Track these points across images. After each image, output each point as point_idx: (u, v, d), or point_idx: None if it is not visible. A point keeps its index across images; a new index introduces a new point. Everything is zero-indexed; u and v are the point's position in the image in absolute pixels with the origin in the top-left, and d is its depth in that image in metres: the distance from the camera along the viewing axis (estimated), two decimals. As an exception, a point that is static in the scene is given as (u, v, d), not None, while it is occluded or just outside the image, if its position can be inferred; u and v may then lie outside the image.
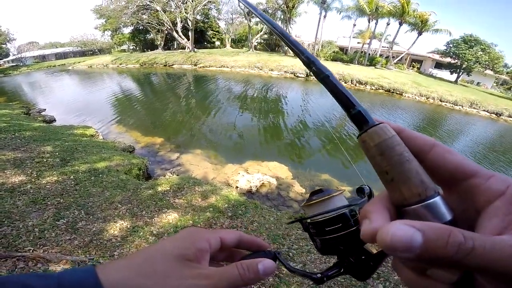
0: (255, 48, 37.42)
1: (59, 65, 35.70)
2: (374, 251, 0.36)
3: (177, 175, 5.51)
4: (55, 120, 10.02)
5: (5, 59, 42.36)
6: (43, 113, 11.06)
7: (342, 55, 32.92)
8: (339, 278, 2.79)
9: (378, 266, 0.36)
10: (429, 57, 36.46)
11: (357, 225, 0.36)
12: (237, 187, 5.42)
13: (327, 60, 31.01)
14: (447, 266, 0.21)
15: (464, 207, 0.26)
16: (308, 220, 0.39)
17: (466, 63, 27.32)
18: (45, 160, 4.63)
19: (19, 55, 40.13)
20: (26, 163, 4.40)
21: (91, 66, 31.25)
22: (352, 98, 0.30)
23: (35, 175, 4.00)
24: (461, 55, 27.17)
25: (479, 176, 0.26)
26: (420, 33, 28.37)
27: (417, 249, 0.20)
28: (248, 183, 5.49)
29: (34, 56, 44.75)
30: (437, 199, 0.25)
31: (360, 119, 0.30)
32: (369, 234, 0.24)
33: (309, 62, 0.34)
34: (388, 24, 29.35)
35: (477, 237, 0.20)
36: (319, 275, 0.37)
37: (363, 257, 0.36)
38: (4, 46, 36.74)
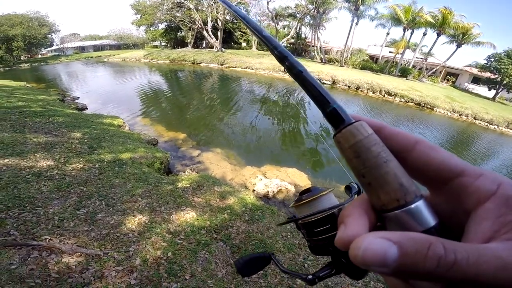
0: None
1: (95, 57, 37.79)
2: None
3: (197, 173, 5.53)
4: (86, 108, 10.53)
5: (48, 49, 45.39)
6: (76, 100, 11.67)
7: (372, 64, 31.90)
8: (345, 278, 2.68)
9: None
10: (466, 71, 34.39)
11: None
12: (254, 190, 5.33)
13: (356, 68, 30.21)
14: (428, 280, 0.19)
15: (452, 209, 0.24)
16: (299, 221, 0.38)
17: (507, 78, 25.47)
18: (73, 146, 4.81)
19: (62, 46, 42.83)
20: (56, 148, 4.58)
21: (124, 59, 32.72)
22: (327, 95, 0.28)
23: (63, 161, 4.14)
24: (502, 70, 25.36)
25: (467, 174, 0.23)
26: (459, 46, 26.74)
27: (392, 264, 0.18)
28: (265, 187, 5.39)
29: (74, 47, 47.67)
30: (419, 204, 0.23)
31: (335, 117, 0.27)
32: (341, 242, 0.23)
33: (282, 57, 0.33)
34: (424, 34, 28.00)
35: (460, 248, 0.19)
36: (310, 276, 0.37)
37: None
38: (49, 36, 39.30)
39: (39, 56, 40.00)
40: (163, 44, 51.45)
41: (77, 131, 5.72)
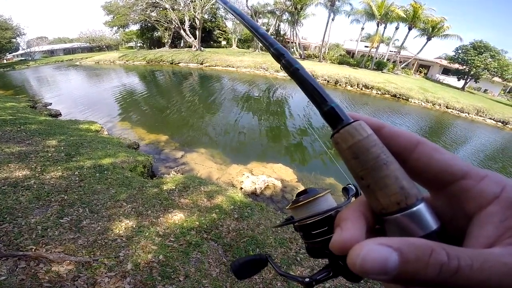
0: (261, 49, 37.31)
1: (66, 60, 35.96)
2: None
3: (182, 174, 5.45)
4: (60, 114, 10.03)
5: (14, 53, 42.70)
6: (49, 107, 11.09)
7: (349, 58, 32.71)
8: (347, 283, 2.74)
9: None
10: (436, 62, 36.15)
11: None
12: (241, 188, 5.34)
13: (333, 63, 30.85)
14: (429, 287, 0.18)
15: (454, 212, 0.23)
16: (296, 223, 0.38)
17: (474, 69, 26.99)
18: (49, 154, 4.59)
19: (28, 50, 40.45)
20: (31, 157, 4.35)
21: (98, 62, 31.41)
22: (325, 93, 0.28)
23: (39, 170, 3.94)
24: (469, 61, 26.83)
25: (469, 177, 0.22)
26: (429, 39, 28.06)
27: (392, 272, 0.18)
28: (253, 184, 5.41)
29: (42, 51, 45.16)
30: (420, 207, 0.22)
31: (332, 116, 0.26)
32: (336, 247, 0.22)
33: (279, 54, 0.32)
34: (397, 28, 29.12)
35: (463, 254, 0.18)
36: (307, 280, 0.37)
37: None
38: (14, 40, 36.97)
39: (4, 61, 37.58)
40: (138, 45, 49.91)
41: (52, 138, 5.45)
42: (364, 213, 0.24)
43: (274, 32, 37.35)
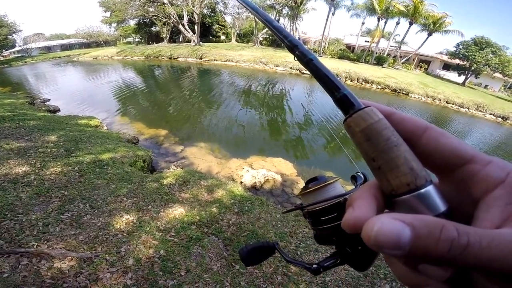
0: (261, 43, 37.11)
1: (64, 56, 35.71)
2: None
3: (182, 169, 5.44)
4: (59, 110, 9.98)
5: (11, 50, 42.31)
6: (47, 103, 11.05)
7: (349, 53, 32.50)
8: (347, 278, 2.75)
9: (377, 256, 0.35)
10: (437, 58, 35.94)
11: None
12: (241, 182, 5.34)
13: (334, 57, 30.67)
14: (440, 263, 0.19)
15: (461, 196, 0.24)
16: (305, 210, 0.39)
17: (475, 65, 26.91)
18: (49, 150, 4.57)
19: (25, 46, 40.06)
20: (30, 153, 4.34)
21: (96, 58, 31.15)
22: (337, 81, 0.29)
23: (39, 166, 3.93)
24: (470, 57, 26.72)
25: (476, 161, 0.23)
26: (430, 34, 27.84)
27: (405, 247, 0.18)
28: (253, 178, 5.41)
29: (39, 47, 44.69)
30: (429, 189, 0.23)
31: (345, 103, 0.28)
32: (350, 224, 0.22)
33: (293, 46, 0.33)
34: (397, 23, 28.83)
35: (473, 232, 0.18)
36: (315, 266, 0.37)
37: (359, 247, 0.34)
38: (10, 37, 36.57)
39: (1, 58, 37.26)
40: (136, 40, 49.47)
41: (51, 134, 5.43)
42: (375, 195, 0.25)
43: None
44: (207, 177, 4.71)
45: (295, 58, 0.33)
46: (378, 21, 28.59)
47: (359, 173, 0.42)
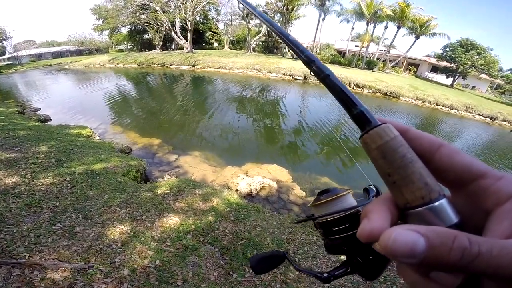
0: (254, 50, 37.36)
1: (55, 64, 35.28)
2: None
3: (176, 178, 5.40)
4: (50, 120, 9.82)
5: (0, 58, 41.69)
6: (38, 112, 10.85)
7: (340, 58, 32.97)
8: (346, 283, 2.75)
9: (387, 266, 0.36)
10: (425, 60, 36.78)
11: None
12: (237, 190, 5.32)
13: (325, 62, 30.71)
14: (452, 271, 0.20)
15: (472, 209, 0.25)
16: (317, 220, 0.40)
17: (462, 67, 27.59)
18: (39, 161, 4.49)
19: (15, 54, 39.52)
20: (20, 163, 4.25)
21: (88, 66, 30.88)
22: (354, 98, 0.30)
23: (30, 177, 3.85)
24: (457, 59, 27.42)
25: (488, 177, 0.24)
26: (417, 37, 28.51)
27: (420, 255, 0.19)
28: (248, 186, 5.40)
29: (30, 55, 44.10)
30: (443, 202, 0.24)
31: (362, 119, 0.29)
32: (365, 234, 0.24)
33: (309, 61, 0.34)
34: (386, 27, 29.46)
35: (484, 241, 0.19)
36: (326, 275, 0.38)
37: (370, 257, 0.35)
38: (0, 44, 36.10)
39: (-10, 66, 36.64)
40: (129, 47, 49.30)
41: (42, 144, 5.34)
42: (389, 207, 0.26)
43: (266, 33, 37.47)
44: (202, 185, 4.68)
45: (311, 73, 0.34)
46: (367, 25, 29.13)
47: (371, 186, 0.43)
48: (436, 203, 0.24)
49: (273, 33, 0.41)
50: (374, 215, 0.25)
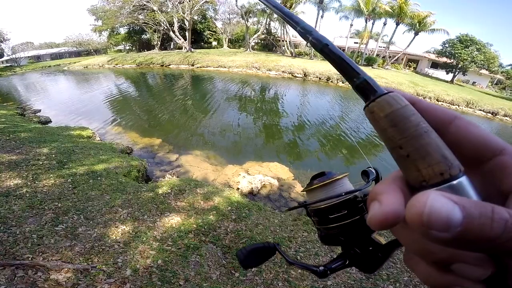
0: (253, 48, 37.30)
1: (54, 66, 35.28)
2: (383, 242, 0.33)
3: (177, 177, 5.41)
4: (50, 121, 9.84)
5: (-1, 60, 41.70)
6: (38, 114, 10.87)
7: (339, 55, 32.88)
8: (349, 280, 2.74)
9: (388, 258, 0.33)
10: (425, 57, 36.66)
11: (363, 212, 0.33)
12: (238, 188, 5.32)
13: (324, 60, 30.86)
14: (487, 250, 0.17)
15: (488, 189, 0.22)
16: (310, 207, 0.36)
17: (461, 62, 27.49)
18: (41, 162, 4.50)
19: (13, 56, 39.50)
20: (22, 165, 4.26)
21: (87, 67, 30.88)
22: (356, 67, 0.27)
23: (31, 178, 3.86)
24: (456, 55, 27.32)
25: (506, 153, 0.22)
26: (416, 33, 28.43)
27: (456, 228, 0.16)
28: (249, 184, 5.40)
29: (28, 57, 44.06)
30: (463, 179, 0.20)
31: (366, 88, 0.26)
32: (378, 220, 0.20)
33: (306, 32, 0.31)
34: (385, 24, 29.43)
35: None
36: (322, 268, 0.35)
37: (370, 248, 0.33)
38: (-2, 46, 36.18)
39: (-11, 68, 36.63)
40: (127, 48, 49.23)
41: (43, 146, 5.35)
42: (401, 187, 0.22)
43: (265, 31, 37.38)
44: (203, 184, 4.69)
45: (308, 45, 0.31)
46: (366, 22, 29.08)
47: (370, 168, 0.39)
48: (457, 181, 0.20)
49: (266, 6, 0.38)
50: (386, 197, 0.21)
